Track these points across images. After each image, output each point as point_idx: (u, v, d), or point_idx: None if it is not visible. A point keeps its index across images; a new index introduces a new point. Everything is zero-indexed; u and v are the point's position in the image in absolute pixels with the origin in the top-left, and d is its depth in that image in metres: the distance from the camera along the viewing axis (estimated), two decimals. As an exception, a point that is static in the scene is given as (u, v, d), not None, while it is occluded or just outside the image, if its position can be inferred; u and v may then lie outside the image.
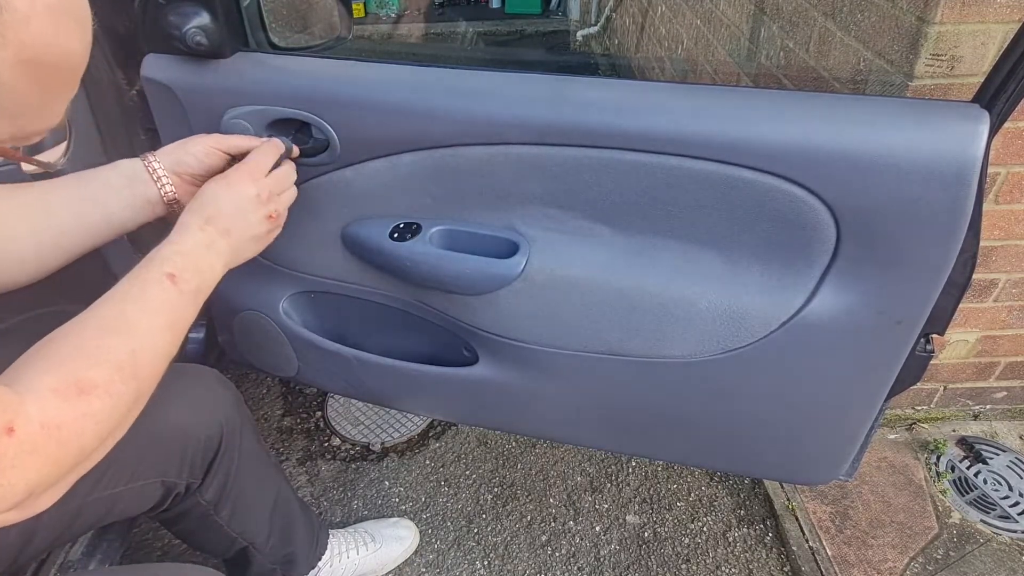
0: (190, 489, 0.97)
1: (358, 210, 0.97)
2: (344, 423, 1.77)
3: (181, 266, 0.69)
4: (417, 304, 1.03)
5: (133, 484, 0.88)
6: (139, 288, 0.66)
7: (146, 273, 0.68)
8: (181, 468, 0.92)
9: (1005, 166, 1.28)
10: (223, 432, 0.97)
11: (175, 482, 0.92)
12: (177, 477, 0.92)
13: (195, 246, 0.72)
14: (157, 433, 0.88)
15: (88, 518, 0.87)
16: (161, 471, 0.91)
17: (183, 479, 0.93)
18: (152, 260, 0.69)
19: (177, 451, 0.91)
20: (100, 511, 0.87)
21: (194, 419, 0.93)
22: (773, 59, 1.83)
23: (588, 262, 0.91)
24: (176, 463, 0.92)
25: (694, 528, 1.53)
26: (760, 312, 0.87)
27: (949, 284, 0.80)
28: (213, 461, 0.97)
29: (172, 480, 0.92)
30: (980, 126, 0.70)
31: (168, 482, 0.92)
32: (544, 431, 1.15)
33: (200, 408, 0.94)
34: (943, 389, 1.70)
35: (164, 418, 0.89)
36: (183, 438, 0.92)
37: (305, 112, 0.88)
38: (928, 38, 1.13)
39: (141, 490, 0.90)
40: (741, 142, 0.77)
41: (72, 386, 0.57)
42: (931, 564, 1.41)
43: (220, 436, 0.97)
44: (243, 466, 1.03)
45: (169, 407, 0.89)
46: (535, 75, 0.85)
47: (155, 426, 0.88)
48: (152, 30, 0.87)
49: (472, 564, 1.46)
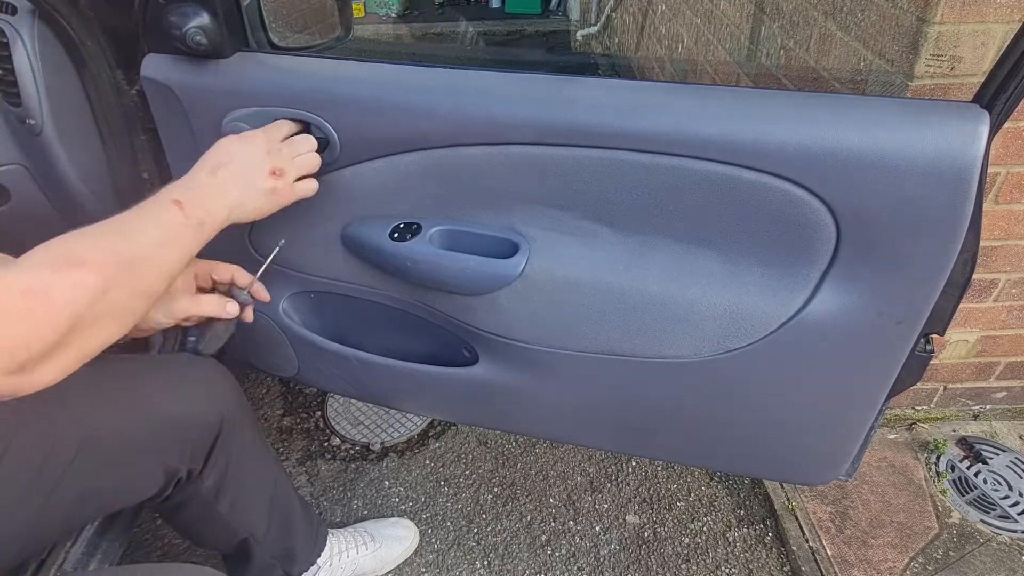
0: (191, 476, 0.97)
1: (358, 210, 0.97)
2: (344, 423, 1.77)
3: (188, 198, 0.73)
4: (417, 304, 1.03)
5: (136, 469, 0.89)
6: (147, 208, 0.71)
7: (154, 200, 0.72)
8: (182, 453, 0.93)
9: (1005, 166, 1.28)
10: (222, 419, 0.98)
11: (176, 467, 0.93)
12: (179, 463, 0.93)
13: (203, 186, 0.76)
14: (158, 418, 0.90)
15: (93, 505, 0.88)
16: (163, 456, 0.91)
17: (184, 464, 0.94)
18: (161, 192, 0.73)
19: (178, 436, 0.92)
20: (104, 498, 0.88)
21: (194, 405, 0.94)
22: (773, 59, 1.83)
23: (588, 262, 0.91)
24: (177, 448, 0.93)
25: (694, 528, 1.53)
26: (760, 312, 0.87)
27: (949, 284, 0.80)
28: (213, 448, 0.98)
29: (174, 465, 0.93)
30: (980, 126, 0.70)
31: (170, 468, 0.92)
32: (544, 431, 1.15)
33: (200, 395, 0.95)
34: (943, 389, 1.70)
35: (165, 404, 0.90)
36: (184, 423, 0.93)
37: (305, 112, 0.88)
38: (928, 38, 1.13)
39: (144, 476, 0.90)
40: (741, 142, 0.77)
41: (62, 259, 0.60)
42: (931, 564, 1.41)
43: (220, 423, 0.97)
44: (242, 455, 1.03)
45: (169, 393, 0.90)
46: (535, 75, 0.85)
47: (156, 412, 0.90)
48: (152, 30, 0.87)
49: (472, 564, 1.46)
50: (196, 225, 0.73)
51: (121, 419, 0.87)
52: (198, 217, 0.73)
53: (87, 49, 0.94)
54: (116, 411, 0.87)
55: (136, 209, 0.70)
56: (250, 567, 1.15)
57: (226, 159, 0.79)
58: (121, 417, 0.87)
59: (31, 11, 0.93)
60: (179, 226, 0.71)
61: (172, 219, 0.71)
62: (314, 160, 0.88)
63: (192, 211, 0.73)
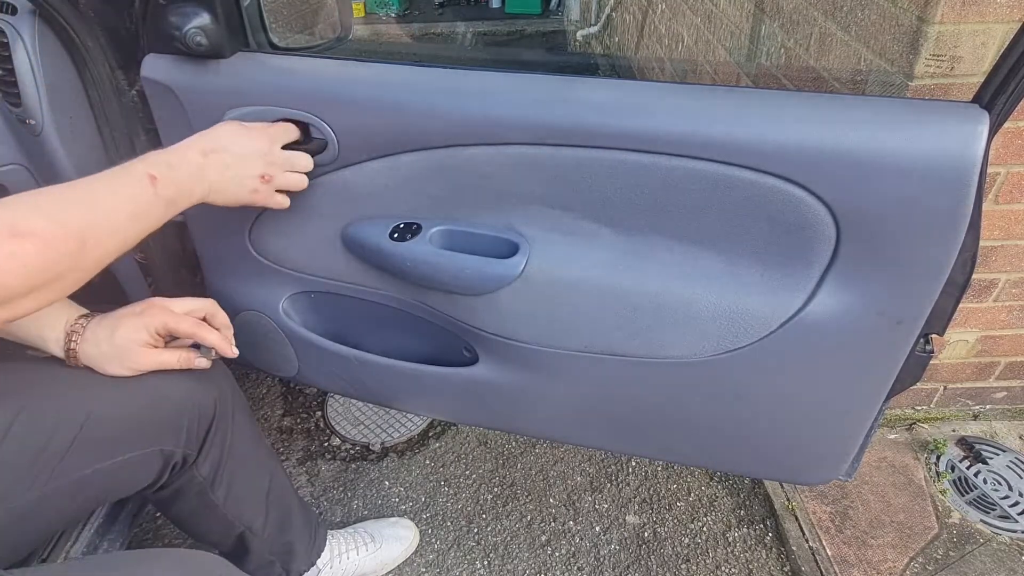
0: (187, 462, 0.98)
1: (358, 210, 0.97)
2: (344, 423, 1.77)
3: (165, 175, 0.72)
4: (417, 304, 1.03)
5: (132, 454, 0.89)
6: (119, 177, 0.69)
7: (131, 168, 0.71)
8: (178, 437, 0.94)
9: (1005, 166, 1.28)
10: (216, 404, 0.98)
11: (172, 451, 0.93)
12: (174, 446, 0.94)
13: (186, 166, 0.76)
14: (154, 402, 0.90)
15: (91, 493, 0.88)
16: (159, 440, 0.92)
17: (180, 448, 0.94)
18: (141, 159, 0.72)
19: (174, 420, 0.93)
20: (102, 484, 0.88)
21: (188, 389, 0.94)
22: (773, 59, 1.83)
23: (588, 262, 0.91)
24: (173, 432, 0.93)
25: (694, 528, 1.53)
26: (760, 312, 0.87)
27: (949, 284, 0.80)
28: (208, 433, 0.98)
29: (170, 449, 0.93)
30: (980, 126, 0.70)
31: (166, 451, 0.93)
32: (544, 431, 1.15)
33: (194, 379, 0.95)
34: (943, 389, 1.70)
35: (160, 387, 0.91)
36: (179, 407, 0.93)
37: (305, 112, 0.88)
38: (928, 38, 1.13)
39: (140, 460, 0.91)
40: (741, 142, 0.77)
41: (7, 227, 0.59)
42: (931, 564, 1.41)
43: (214, 407, 0.98)
44: (237, 443, 1.04)
45: (165, 378, 0.91)
46: (535, 75, 0.85)
47: (151, 396, 0.90)
48: (152, 30, 0.87)
49: (472, 564, 1.46)
50: (165, 203, 0.72)
51: (120, 400, 0.87)
52: (169, 196, 0.73)
53: (87, 49, 0.94)
54: (115, 392, 0.87)
55: (109, 174, 0.69)
56: (248, 562, 1.15)
57: (223, 146, 0.79)
58: (120, 398, 0.87)
59: (31, 11, 0.93)
60: (147, 203, 0.71)
61: (142, 194, 0.70)
62: (302, 181, 0.90)
63: (164, 189, 0.72)
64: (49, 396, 0.84)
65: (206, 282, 1.17)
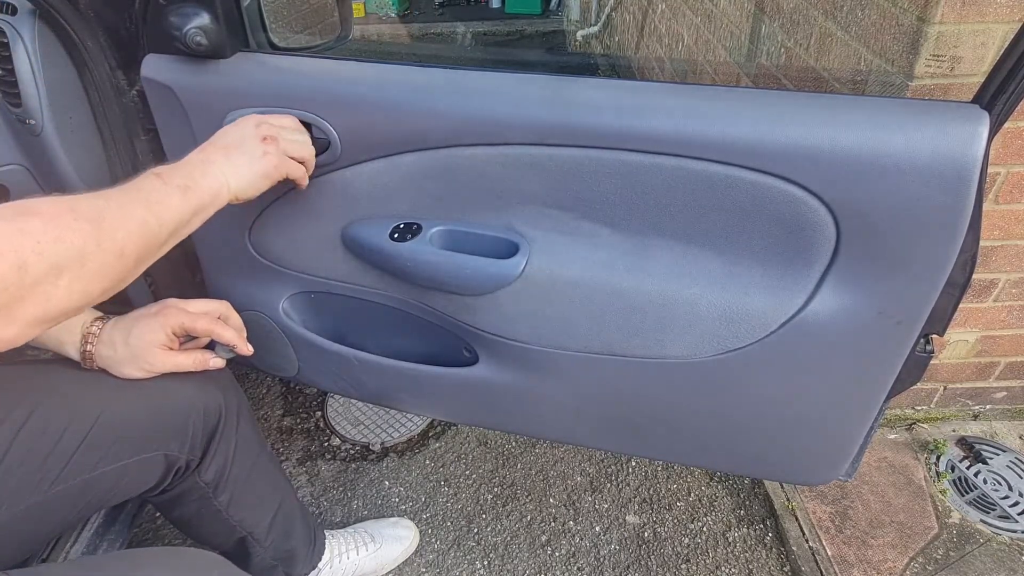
0: (190, 466, 0.98)
1: (358, 210, 0.97)
2: (344, 423, 1.77)
3: (169, 170, 0.74)
4: (417, 304, 1.03)
5: (137, 457, 0.89)
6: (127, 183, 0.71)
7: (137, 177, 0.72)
8: (183, 442, 0.94)
9: (1005, 166, 1.28)
10: (221, 409, 0.98)
11: (176, 455, 0.94)
12: (179, 451, 0.94)
13: (188, 161, 0.77)
14: (158, 406, 0.90)
15: (94, 495, 0.88)
16: (163, 444, 0.92)
17: (184, 453, 0.95)
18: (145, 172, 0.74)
19: (180, 424, 0.93)
20: (106, 487, 0.88)
21: (195, 395, 0.94)
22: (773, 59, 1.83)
23: (588, 262, 0.91)
24: (178, 436, 0.93)
25: (694, 528, 1.53)
26: (760, 312, 0.87)
27: (949, 284, 0.80)
28: (212, 438, 0.98)
29: (174, 454, 0.93)
30: (980, 126, 0.70)
31: (170, 456, 0.93)
32: (544, 431, 1.15)
33: (200, 385, 0.95)
34: (943, 389, 1.70)
35: (167, 392, 0.91)
36: (183, 411, 0.93)
37: (305, 112, 0.88)
38: (928, 38, 1.13)
39: (144, 463, 0.91)
40: (741, 142, 0.77)
41: (12, 208, 0.59)
42: (931, 564, 1.41)
43: (219, 412, 0.98)
44: (241, 450, 1.04)
45: (169, 381, 0.91)
46: (535, 75, 0.85)
47: (156, 399, 0.90)
48: (152, 30, 0.87)
49: (472, 564, 1.46)
50: (178, 190, 0.73)
51: (129, 403, 0.88)
52: (179, 184, 0.73)
53: (87, 49, 0.94)
54: (124, 395, 0.88)
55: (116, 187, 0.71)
56: (250, 565, 1.15)
57: (215, 138, 0.81)
58: (129, 401, 0.88)
59: (31, 11, 0.93)
60: (158, 190, 0.71)
61: (150, 186, 0.71)
62: (306, 143, 0.88)
63: (172, 179, 0.73)
64: (61, 398, 0.84)
65: (206, 282, 1.17)
